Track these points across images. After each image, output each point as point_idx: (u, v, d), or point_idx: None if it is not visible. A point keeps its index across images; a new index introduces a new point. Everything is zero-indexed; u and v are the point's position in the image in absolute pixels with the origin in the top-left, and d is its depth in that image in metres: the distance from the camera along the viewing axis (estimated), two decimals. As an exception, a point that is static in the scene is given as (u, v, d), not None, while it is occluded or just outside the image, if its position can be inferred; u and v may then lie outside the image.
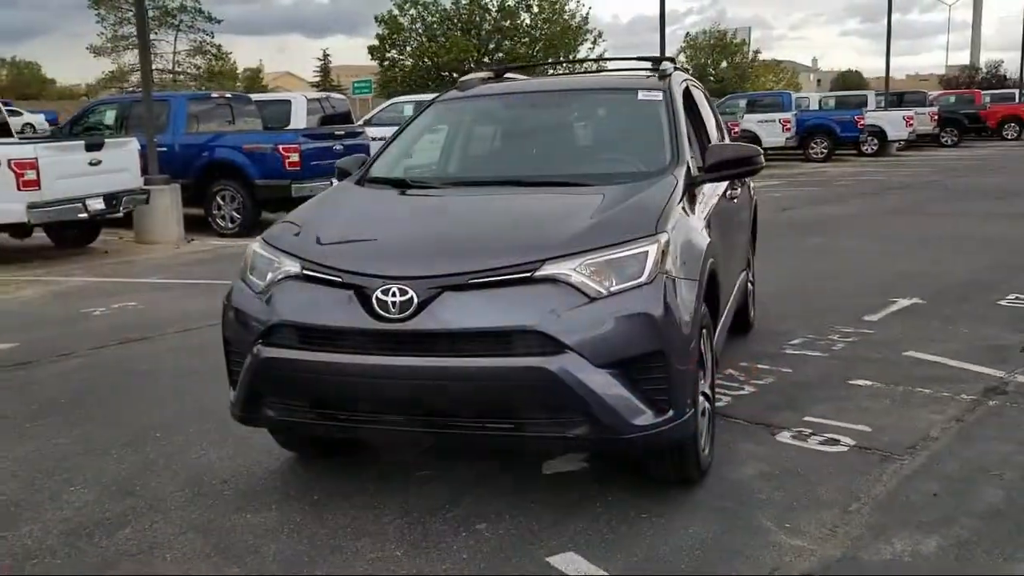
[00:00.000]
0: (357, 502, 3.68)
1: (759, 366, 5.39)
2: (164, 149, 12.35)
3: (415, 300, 3.17)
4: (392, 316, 3.19)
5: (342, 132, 13.20)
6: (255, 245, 3.79)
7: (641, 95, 4.61)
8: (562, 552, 3.20)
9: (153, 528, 3.54)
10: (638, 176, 4.01)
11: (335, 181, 5.20)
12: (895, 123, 27.46)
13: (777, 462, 3.95)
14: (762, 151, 4.27)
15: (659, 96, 4.57)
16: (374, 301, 3.22)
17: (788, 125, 24.22)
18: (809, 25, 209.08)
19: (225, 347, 3.73)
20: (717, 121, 5.71)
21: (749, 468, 3.90)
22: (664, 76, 4.78)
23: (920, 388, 4.93)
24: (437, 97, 5.04)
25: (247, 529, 3.50)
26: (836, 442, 4.17)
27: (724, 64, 46.08)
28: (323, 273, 3.41)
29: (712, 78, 43.32)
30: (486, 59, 33.49)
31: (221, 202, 12.61)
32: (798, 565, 3.07)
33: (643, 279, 3.22)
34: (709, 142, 4.80)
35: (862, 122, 26.04)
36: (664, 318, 3.18)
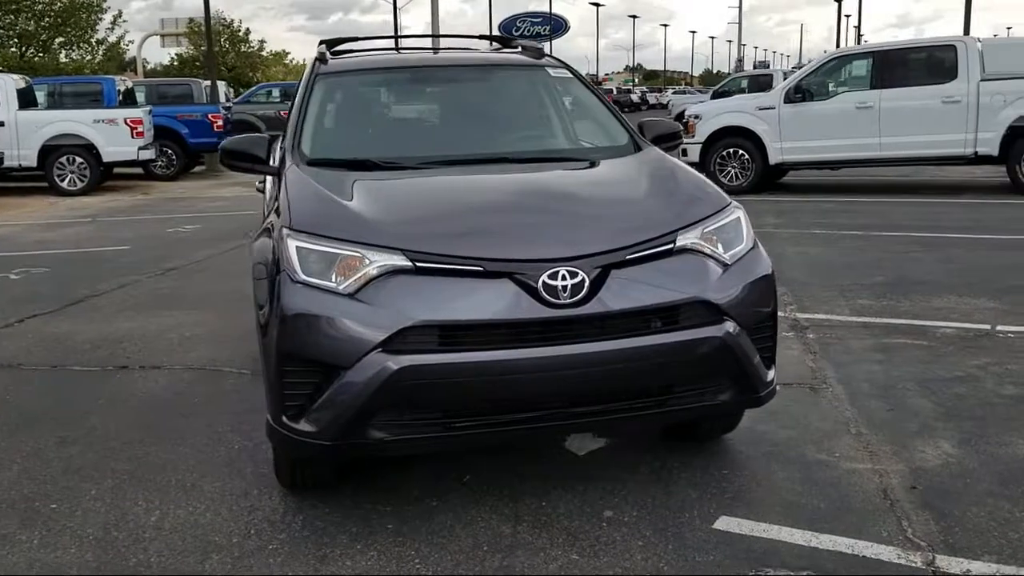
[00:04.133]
0: (447, 520, 3.27)
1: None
2: None
3: (586, 282, 2.94)
4: (564, 301, 2.92)
5: None
6: (295, 240, 3.11)
7: (552, 72, 4.63)
8: (718, 518, 3.24)
9: (249, 605, 2.78)
10: (617, 151, 4.08)
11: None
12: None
13: (748, 407, 4.33)
14: None
15: (567, 73, 4.65)
16: (541, 287, 2.91)
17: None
18: (259, 19, 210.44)
19: (284, 366, 3.02)
20: None
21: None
22: (542, 54, 4.84)
23: (748, 333, 5.69)
24: (317, 72, 4.44)
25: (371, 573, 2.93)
26: (762, 383, 4.68)
27: (232, 53, 44.77)
28: (452, 263, 2.96)
29: (224, 67, 41.86)
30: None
31: None
32: (894, 482, 3.50)
33: (748, 244, 3.37)
34: None
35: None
36: (773, 279, 3.38)
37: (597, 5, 64.30)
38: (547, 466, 3.73)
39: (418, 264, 2.97)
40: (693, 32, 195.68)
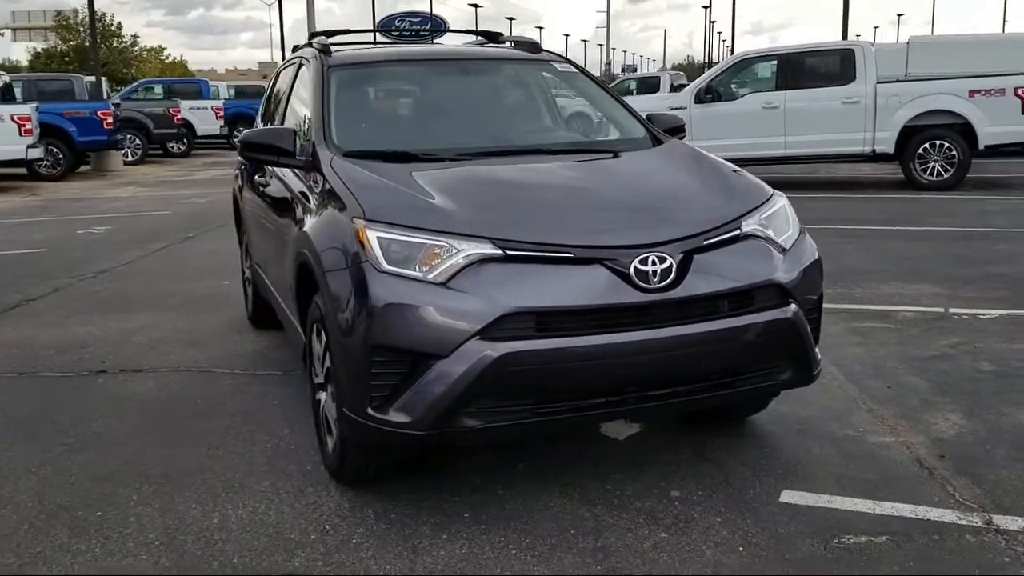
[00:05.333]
0: (521, 507, 3.30)
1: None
2: None
3: (674, 267, 3.03)
4: (654, 286, 3.00)
5: None
6: (374, 230, 3.07)
7: (559, 67, 4.70)
8: (781, 492, 3.38)
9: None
10: (639, 142, 4.18)
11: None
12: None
13: (757, 390, 4.52)
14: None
15: (573, 68, 4.74)
16: (632, 272, 2.98)
17: (220, 113, 23.83)
18: (115, 13, 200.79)
19: (372, 357, 2.99)
20: None
21: (750, 398, 4.40)
22: (539, 48, 4.90)
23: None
24: (327, 64, 4.33)
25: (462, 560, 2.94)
26: (761, 367, 4.89)
27: (104, 48, 42.35)
28: (543, 251, 3.00)
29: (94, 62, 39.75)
30: None
31: None
32: (922, 452, 3.73)
33: (796, 230, 3.53)
34: None
35: (279, 110, 26.80)
36: (821, 263, 3.55)
37: (475, 6, 64.60)
38: (593, 452, 3.81)
39: (509, 252, 3.00)
40: (567, 35, 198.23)
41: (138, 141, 21.18)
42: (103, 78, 22.32)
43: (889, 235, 9.13)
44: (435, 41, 5.51)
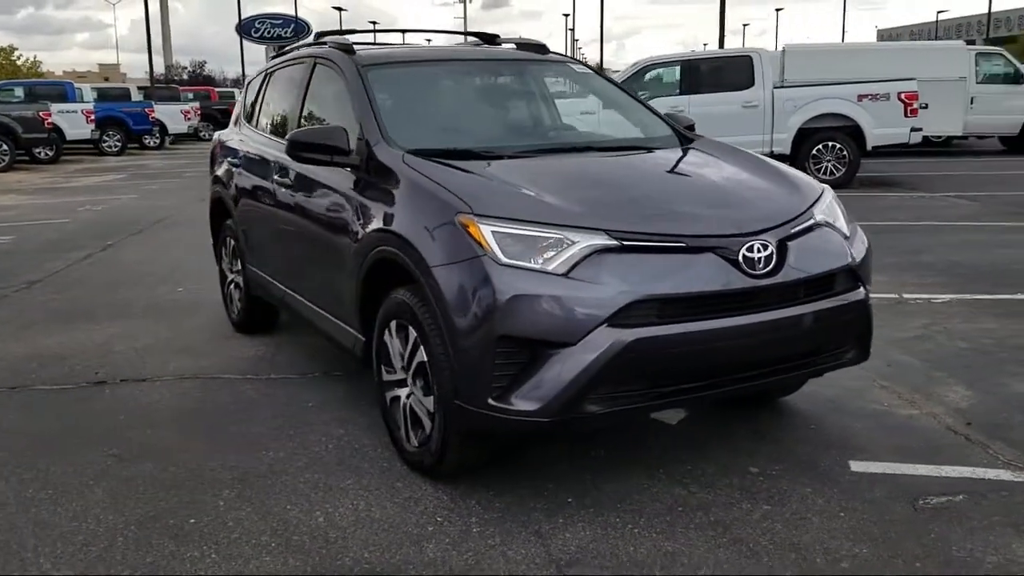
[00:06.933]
0: (617, 490, 3.42)
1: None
2: None
3: (774, 253, 3.23)
4: (760, 272, 3.18)
5: None
6: (488, 225, 3.12)
7: (576, 68, 4.85)
8: (848, 463, 3.64)
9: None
10: (669, 140, 4.38)
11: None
12: (175, 117, 27.97)
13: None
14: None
15: (588, 70, 4.89)
16: (741, 259, 3.16)
17: (91, 116, 22.70)
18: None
19: (498, 347, 3.04)
20: None
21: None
22: (547, 50, 5.03)
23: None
24: (358, 63, 4.31)
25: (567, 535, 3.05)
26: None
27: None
28: (657, 241, 3.13)
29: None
30: None
31: None
32: (949, 421, 4.06)
33: (845, 219, 3.80)
34: None
35: (153, 115, 25.80)
36: (871, 248, 3.84)
37: (340, 9, 63.70)
38: (654, 437, 3.96)
39: (624, 243, 3.12)
40: (428, 40, 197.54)
41: (6, 147, 19.93)
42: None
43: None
44: (430, 41, 5.52)
